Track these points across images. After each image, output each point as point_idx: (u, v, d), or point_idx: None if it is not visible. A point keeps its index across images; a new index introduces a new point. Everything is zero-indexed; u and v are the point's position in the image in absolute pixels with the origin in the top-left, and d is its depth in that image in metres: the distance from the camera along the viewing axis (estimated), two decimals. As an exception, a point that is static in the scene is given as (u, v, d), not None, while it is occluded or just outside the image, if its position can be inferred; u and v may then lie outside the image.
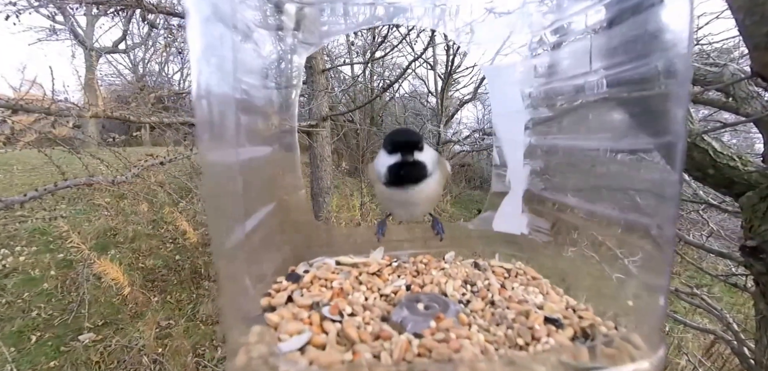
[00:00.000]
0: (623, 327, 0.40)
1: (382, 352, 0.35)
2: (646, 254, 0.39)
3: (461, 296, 0.48)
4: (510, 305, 0.45)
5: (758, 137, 2.44)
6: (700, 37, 2.59)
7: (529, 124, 0.64)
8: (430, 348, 0.35)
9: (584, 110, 0.53)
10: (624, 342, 0.35)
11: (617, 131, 0.48)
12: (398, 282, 0.51)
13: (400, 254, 0.61)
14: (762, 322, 1.23)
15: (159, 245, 4.44)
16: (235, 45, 0.40)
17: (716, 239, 2.42)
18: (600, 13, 0.48)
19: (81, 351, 2.93)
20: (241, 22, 0.42)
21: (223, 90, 0.34)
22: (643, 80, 0.39)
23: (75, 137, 2.65)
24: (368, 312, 0.42)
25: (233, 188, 0.35)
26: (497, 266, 0.58)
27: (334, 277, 0.50)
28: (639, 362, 0.32)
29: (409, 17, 0.63)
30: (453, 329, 0.38)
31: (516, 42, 0.64)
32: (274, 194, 0.53)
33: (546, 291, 0.51)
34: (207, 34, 0.31)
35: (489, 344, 0.37)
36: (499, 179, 0.68)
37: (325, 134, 3.63)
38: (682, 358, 2.64)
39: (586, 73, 0.50)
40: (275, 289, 0.47)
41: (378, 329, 0.38)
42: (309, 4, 0.57)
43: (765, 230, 1.08)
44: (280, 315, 0.40)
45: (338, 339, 0.37)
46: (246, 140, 0.42)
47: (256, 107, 0.49)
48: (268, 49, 0.54)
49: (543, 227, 0.61)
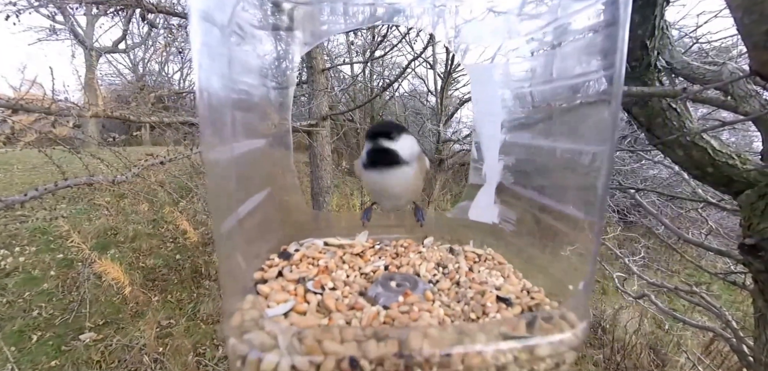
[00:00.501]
0: (565, 307, 0.45)
1: (353, 320, 0.41)
2: (583, 244, 0.46)
3: (432, 277, 0.54)
4: (472, 285, 0.51)
5: (757, 136, 2.45)
6: (698, 35, 2.59)
7: (504, 123, 0.69)
8: (394, 317, 0.41)
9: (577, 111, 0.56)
10: (560, 319, 0.41)
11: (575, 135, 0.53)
12: (378, 263, 0.56)
13: (383, 238, 0.66)
14: (761, 320, 1.24)
15: (159, 245, 4.45)
16: (232, 44, 0.43)
17: (715, 237, 2.43)
18: (599, 15, 0.49)
19: (82, 350, 2.94)
20: (238, 21, 0.45)
21: (221, 89, 0.38)
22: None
23: (75, 136, 2.66)
24: (348, 287, 0.48)
25: (229, 180, 0.40)
26: (470, 252, 0.63)
27: (321, 256, 0.56)
28: (564, 333, 0.38)
29: (408, 16, 0.65)
30: (417, 304, 0.44)
31: (508, 44, 0.66)
32: (269, 182, 0.58)
33: (507, 275, 0.56)
34: (206, 34, 0.34)
35: (447, 317, 0.43)
36: (476, 172, 0.73)
37: (325, 134, 3.64)
38: (682, 356, 2.65)
39: (585, 73, 0.52)
40: (268, 265, 0.52)
41: (354, 301, 0.44)
42: (305, 4, 0.59)
43: (764, 228, 1.08)
44: (270, 287, 0.46)
45: (318, 308, 0.43)
46: (243, 135, 0.46)
47: (254, 104, 0.52)
48: (264, 48, 0.56)
49: (510, 218, 0.67)
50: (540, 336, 0.37)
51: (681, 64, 1.32)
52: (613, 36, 0.39)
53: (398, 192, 0.66)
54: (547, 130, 0.60)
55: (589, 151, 0.46)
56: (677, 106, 1.26)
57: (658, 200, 3.55)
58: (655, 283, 2.05)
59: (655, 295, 2.15)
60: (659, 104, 1.24)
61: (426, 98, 7.73)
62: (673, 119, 1.26)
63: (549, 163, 0.59)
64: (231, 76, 0.42)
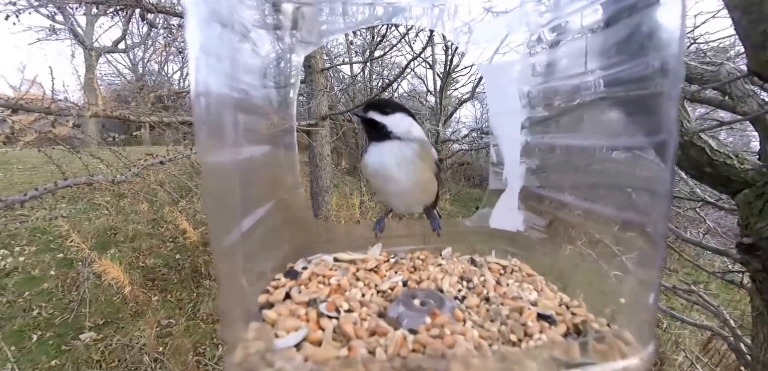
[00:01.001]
0: (616, 323, 0.41)
1: (377, 348, 0.35)
2: (641, 251, 0.40)
3: (457, 292, 0.48)
4: (504, 301, 0.45)
5: (754, 135, 2.46)
6: (696, 36, 2.59)
7: (525, 123, 0.64)
8: (424, 343, 0.36)
9: (582, 109, 0.53)
10: (615, 338, 0.36)
11: (614, 130, 0.49)
12: (395, 278, 0.51)
13: (398, 251, 0.61)
14: (758, 318, 1.25)
15: (159, 244, 4.45)
16: (233, 45, 0.40)
17: (713, 236, 2.44)
18: (597, 12, 0.49)
19: (82, 349, 2.94)
20: (239, 21, 0.43)
21: (221, 90, 0.35)
22: (638, 79, 0.40)
23: (75, 136, 2.66)
24: (365, 308, 0.43)
25: (231, 188, 0.36)
26: (493, 263, 0.58)
27: (332, 274, 0.50)
28: (629, 358, 0.33)
29: (407, 17, 0.63)
30: (448, 325, 0.38)
31: (514, 41, 0.64)
32: (273, 192, 0.54)
33: (540, 288, 0.51)
34: (205, 34, 0.32)
35: (483, 339, 0.38)
36: (496, 177, 0.69)
37: (325, 133, 3.64)
38: (680, 354, 2.66)
39: (584, 72, 0.51)
40: (273, 286, 0.47)
41: (374, 325, 0.38)
42: (307, 4, 0.58)
43: (761, 227, 1.09)
44: (277, 312, 0.40)
45: (334, 335, 0.38)
46: (244, 139, 0.43)
47: (255, 106, 0.49)
48: (266, 49, 0.54)
49: (538, 224, 0.61)
50: (599, 361, 0.32)
51: (679, 64, 1.33)
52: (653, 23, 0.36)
53: (397, 176, 0.62)
54: (575, 126, 0.56)
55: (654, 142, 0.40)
56: (675, 106, 1.26)
57: (656, 199, 3.54)
58: (654, 282, 2.06)
59: (653, 294, 2.15)
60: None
61: (425, 98, 7.74)
62: (671, 119, 1.26)
63: (577, 162, 0.55)
64: (232, 75, 0.39)
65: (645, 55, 0.39)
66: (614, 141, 0.49)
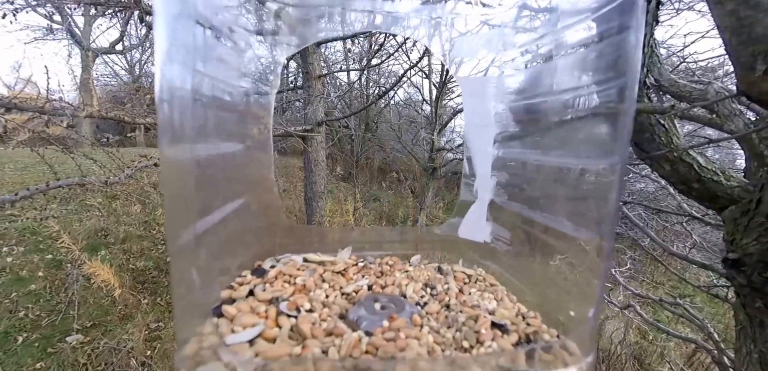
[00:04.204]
0: (566, 335, 0.42)
1: (331, 348, 0.35)
2: (590, 265, 0.42)
3: (420, 298, 0.49)
4: (463, 309, 0.46)
5: (740, 153, 2.52)
6: (685, 55, 2.66)
7: (497, 137, 0.66)
8: (377, 345, 0.36)
9: (570, 126, 0.55)
10: (561, 349, 0.37)
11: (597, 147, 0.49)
12: (361, 282, 0.51)
13: (367, 255, 0.61)
14: (742, 332, 1.27)
15: (150, 247, 4.41)
16: (208, 42, 0.40)
17: (699, 250, 2.48)
18: (591, 29, 0.49)
19: (68, 352, 2.90)
20: (217, 19, 0.42)
21: (187, 87, 0.35)
22: (611, 99, 0.42)
23: (69, 136, 2.65)
24: (327, 309, 0.43)
25: (187, 185, 0.36)
26: (459, 272, 0.59)
27: (299, 274, 0.50)
28: (570, 367, 0.35)
29: (405, 26, 0.63)
30: (404, 329, 0.39)
31: (506, 56, 0.65)
32: (245, 191, 0.53)
33: (500, 297, 0.52)
34: (174, 32, 0.32)
35: (437, 345, 0.38)
36: (467, 189, 0.70)
37: (320, 139, 3.66)
38: (665, 366, 2.69)
39: (576, 88, 0.51)
40: (238, 283, 0.46)
41: (332, 326, 0.38)
42: (293, 6, 0.57)
43: (746, 243, 1.10)
44: (237, 308, 0.40)
45: (291, 333, 0.38)
46: (213, 136, 0.42)
47: (230, 104, 0.48)
48: (246, 47, 0.53)
49: (504, 236, 0.63)
50: (542, 370, 0.34)
51: (669, 82, 1.36)
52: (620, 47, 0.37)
53: None
54: (542, 143, 0.58)
55: (593, 166, 0.43)
56: (665, 122, 1.29)
57: (644, 213, 3.62)
58: (640, 294, 2.10)
59: (640, 306, 2.19)
60: (647, 119, 1.28)
61: (421, 107, 7.80)
62: (660, 135, 1.29)
63: (542, 178, 0.57)
64: (206, 73, 0.39)
65: (622, 75, 0.41)
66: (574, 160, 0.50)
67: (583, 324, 0.40)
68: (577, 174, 0.50)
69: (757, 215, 1.02)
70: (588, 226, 0.44)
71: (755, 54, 0.75)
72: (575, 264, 0.45)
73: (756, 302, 1.11)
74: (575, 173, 0.50)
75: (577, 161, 0.50)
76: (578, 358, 0.37)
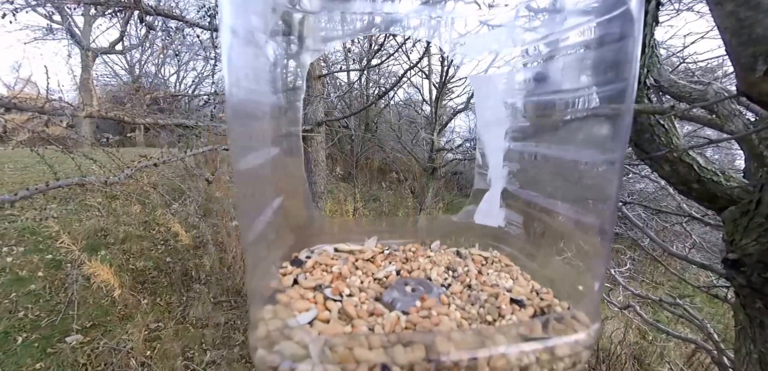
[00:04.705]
0: (575, 306, 0.47)
1: (376, 326, 0.40)
2: (595, 247, 0.47)
3: (443, 280, 0.54)
4: (484, 288, 0.51)
5: (739, 154, 2.52)
6: (685, 55, 2.67)
7: (509, 131, 0.70)
8: (415, 322, 0.41)
9: (571, 123, 0.57)
10: (572, 318, 0.42)
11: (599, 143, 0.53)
12: (389, 268, 0.55)
13: (391, 243, 0.66)
14: (741, 333, 1.27)
15: (150, 247, 4.41)
16: (247, 53, 0.44)
17: (699, 251, 2.49)
18: (591, 30, 0.51)
19: (68, 352, 2.89)
20: (248, 28, 0.46)
21: (246, 96, 0.39)
22: (612, 100, 0.45)
23: (68, 136, 2.65)
24: (364, 293, 0.48)
25: (254, 187, 0.42)
26: (476, 255, 0.64)
27: (334, 263, 0.55)
28: (579, 333, 0.40)
29: (405, 27, 0.65)
30: (435, 307, 0.44)
31: (508, 54, 0.67)
32: (282, 189, 0.58)
33: (516, 277, 0.57)
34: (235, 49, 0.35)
35: (464, 320, 0.44)
36: (481, 178, 0.74)
37: (320, 139, 3.66)
38: (665, 366, 2.69)
39: (577, 88, 0.54)
40: (282, 274, 0.51)
41: (372, 307, 0.44)
42: (311, 13, 0.60)
43: (746, 243, 1.11)
44: (289, 296, 0.44)
45: (339, 315, 0.43)
46: (262, 143, 0.47)
47: (266, 112, 0.52)
48: (273, 56, 0.56)
49: (516, 221, 0.68)
50: (556, 336, 0.38)
51: (668, 82, 1.37)
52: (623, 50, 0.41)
53: None
54: (549, 138, 0.61)
55: (595, 160, 0.49)
56: (665, 122, 1.29)
57: (644, 213, 3.62)
58: (640, 294, 2.10)
59: (639, 306, 2.20)
60: (647, 120, 1.28)
61: (420, 107, 7.80)
62: (660, 135, 1.29)
63: (550, 169, 0.61)
64: (252, 86, 0.43)
65: (622, 78, 0.43)
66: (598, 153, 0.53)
67: (590, 296, 0.45)
68: (581, 167, 0.54)
69: (757, 216, 1.02)
70: (591, 212, 0.49)
71: (755, 55, 0.75)
72: (581, 246, 0.50)
73: (756, 302, 1.12)
74: (579, 166, 0.54)
75: (580, 156, 0.54)
76: (587, 325, 0.41)
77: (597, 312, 0.42)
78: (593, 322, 0.41)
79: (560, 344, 0.38)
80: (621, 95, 0.41)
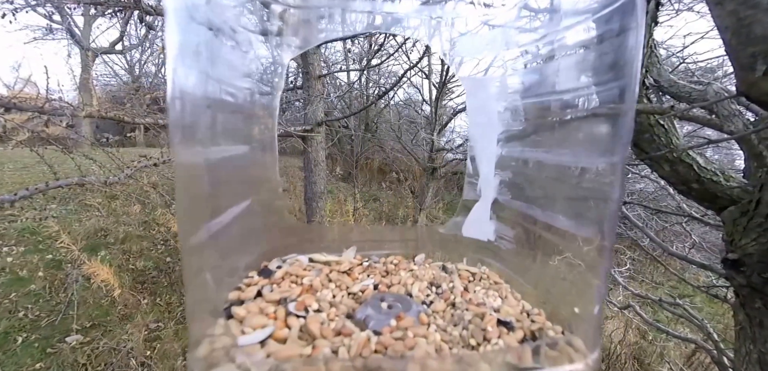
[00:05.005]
0: (570, 331, 0.42)
1: (341, 348, 0.36)
2: (593, 262, 0.42)
3: (425, 297, 0.49)
4: (469, 307, 0.46)
5: (739, 154, 2.53)
6: (685, 55, 2.66)
7: (501, 136, 0.66)
8: (386, 345, 0.36)
9: (569, 125, 0.56)
10: (566, 345, 0.38)
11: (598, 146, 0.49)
12: (367, 282, 0.51)
13: (371, 254, 0.61)
14: (741, 332, 1.27)
15: (150, 247, 4.41)
16: (215, 44, 0.41)
17: (698, 251, 2.49)
18: (590, 31, 0.50)
19: (68, 352, 2.89)
20: (223, 21, 0.43)
21: (198, 90, 0.35)
22: (612, 100, 0.43)
23: (68, 136, 2.65)
24: (334, 309, 0.43)
25: (201, 187, 0.36)
26: (463, 270, 0.59)
27: (306, 274, 0.50)
28: (576, 363, 0.35)
29: (405, 27, 0.63)
30: (412, 328, 0.39)
31: (507, 55, 0.65)
32: (251, 192, 0.53)
33: (505, 295, 0.52)
34: (185, 34, 0.32)
35: (444, 343, 0.39)
36: (470, 187, 0.70)
37: (320, 139, 3.65)
38: (665, 366, 2.69)
39: (576, 89, 0.52)
40: (246, 284, 0.47)
41: (341, 325, 0.39)
42: (297, 7, 0.57)
43: (745, 243, 1.10)
44: (247, 309, 0.40)
45: (301, 334, 0.38)
46: (222, 138, 0.43)
47: (236, 106, 0.49)
48: (250, 49, 0.54)
49: (507, 235, 0.63)
50: (548, 366, 0.34)
51: (668, 82, 1.36)
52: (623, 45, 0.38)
53: None
54: (544, 142, 0.59)
55: (594, 166, 0.44)
56: (665, 123, 1.29)
57: (643, 213, 3.62)
58: (640, 294, 2.10)
59: (639, 306, 2.19)
60: (647, 120, 1.28)
61: (420, 107, 7.80)
62: (660, 136, 1.29)
63: (544, 177, 0.58)
64: (213, 75, 0.39)
65: (621, 78, 0.41)
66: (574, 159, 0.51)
67: (588, 321, 0.41)
68: (578, 174, 0.50)
69: (757, 216, 1.02)
70: (589, 224, 0.45)
71: (755, 54, 0.75)
72: (577, 262, 0.45)
73: (755, 302, 1.12)
74: (576, 173, 0.51)
75: (577, 160, 0.51)
76: (584, 354, 0.37)
77: (596, 338, 0.38)
78: (592, 350, 0.37)
79: None
80: (621, 95, 0.39)
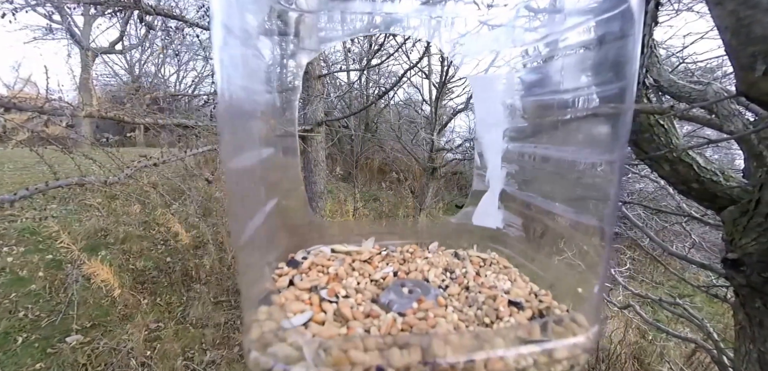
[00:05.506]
0: (574, 310, 0.47)
1: (372, 327, 0.40)
2: (595, 250, 0.46)
3: (441, 282, 0.53)
4: (482, 289, 0.51)
5: (739, 153, 2.52)
6: (685, 55, 2.66)
7: (507, 132, 0.69)
8: (411, 324, 0.41)
9: (570, 123, 0.57)
10: (571, 321, 0.42)
11: (599, 143, 0.53)
12: (386, 269, 0.55)
13: (389, 244, 0.65)
14: (741, 332, 1.27)
15: (150, 247, 4.41)
16: (243, 51, 0.43)
17: (698, 250, 2.49)
18: (590, 31, 0.51)
19: (68, 353, 2.90)
20: (243, 27, 0.45)
21: (240, 95, 0.39)
22: (612, 98, 0.45)
23: (68, 136, 2.64)
24: (360, 294, 0.47)
25: (247, 188, 0.41)
26: (474, 256, 0.63)
27: (330, 264, 0.55)
28: (578, 336, 0.39)
29: (405, 27, 0.65)
30: (432, 309, 0.44)
31: (508, 54, 0.67)
32: (277, 191, 0.57)
33: (514, 278, 0.56)
34: (226, 43, 0.35)
35: (461, 322, 0.43)
36: (479, 179, 0.74)
37: (320, 139, 3.66)
38: (665, 366, 2.70)
39: (577, 88, 0.54)
40: (278, 274, 0.51)
41: (368, 309, 0.43)
42: (309, 12, 0.60)
43: (745, 243, 1.11)
44: (284, 297, 0.44)
45: (335, 317, 0.42)
46: (257, 143, 0.46)
47: (260, 111, 0.52)
48: (268, 54, 0.56)
49: (515, 223, 0.67)
50: (555, 339, 0.38)
51: (668, 82, 1.36)
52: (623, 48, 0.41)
53: None
54: (548, 138, 0.61)
55: (595, 161, 0.49)
56: (664, 122, 1.29)
57: (643, 213, 3.62)
58: (640, 294, 2.11)
59: (639, 306, 2.20)
60: (647, 120, 1.28)
61: (420, 107, 7.80)
62: (660, 135, 1.29)
63: (549, 170, 0.61)
64: (246, 84, 0.43)
65: (621, 79, 0.43)
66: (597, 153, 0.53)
67: (590, 299, 0.45)
68: (580, 167, 0.54)
69: (756, 216, 1.02)
70: (591, 213, 0.49)
71: (755, 54, 0.75)
72: (580, 248, 0.49)
73: (755, 302, 1.12)
74: (578, 167, 0.54)
75: (579, 156, 0.54)
76: (586, 328, 0.41)
77: (597, 315, 0.42)
78: (592, 325, 0.41)
79: (559, 347, 0.37)
80: (621, 95, 0.41)
